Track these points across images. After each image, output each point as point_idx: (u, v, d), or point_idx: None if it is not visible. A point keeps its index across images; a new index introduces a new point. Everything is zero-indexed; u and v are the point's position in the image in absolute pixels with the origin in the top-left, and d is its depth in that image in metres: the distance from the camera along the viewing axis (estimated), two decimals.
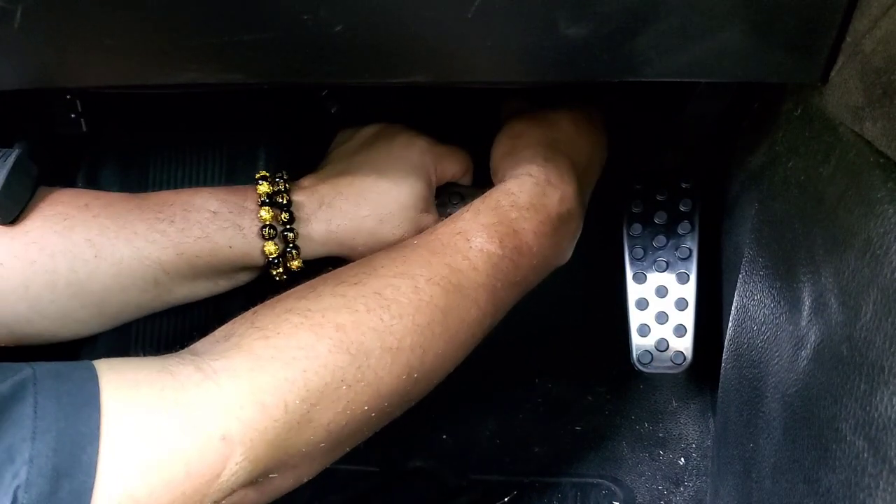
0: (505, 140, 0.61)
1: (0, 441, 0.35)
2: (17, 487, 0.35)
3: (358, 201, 0.59)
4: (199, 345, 0.47)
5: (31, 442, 0.35)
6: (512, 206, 0.55)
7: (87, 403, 0.38)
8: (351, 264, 0.53)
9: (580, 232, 0.61)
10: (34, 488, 0.35)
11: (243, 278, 0.62)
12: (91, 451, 0.37)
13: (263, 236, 0.58)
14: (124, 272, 0.55)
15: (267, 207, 0.58)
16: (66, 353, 0.63)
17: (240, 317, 0.48)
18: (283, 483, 0.47)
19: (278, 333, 0.45)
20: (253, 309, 0.48)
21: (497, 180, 0.60)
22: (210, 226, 0.57)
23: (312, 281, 0.51)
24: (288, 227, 0.58)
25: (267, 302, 0.49)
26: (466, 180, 0.66)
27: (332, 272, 0.52)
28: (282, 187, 0.59)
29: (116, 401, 0.39)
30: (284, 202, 0.58)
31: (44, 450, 0.36)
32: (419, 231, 0.61)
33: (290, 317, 0.46)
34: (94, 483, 0.36)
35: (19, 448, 0.35)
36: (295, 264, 0.60)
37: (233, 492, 0.42)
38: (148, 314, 0.61)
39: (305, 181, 0.62)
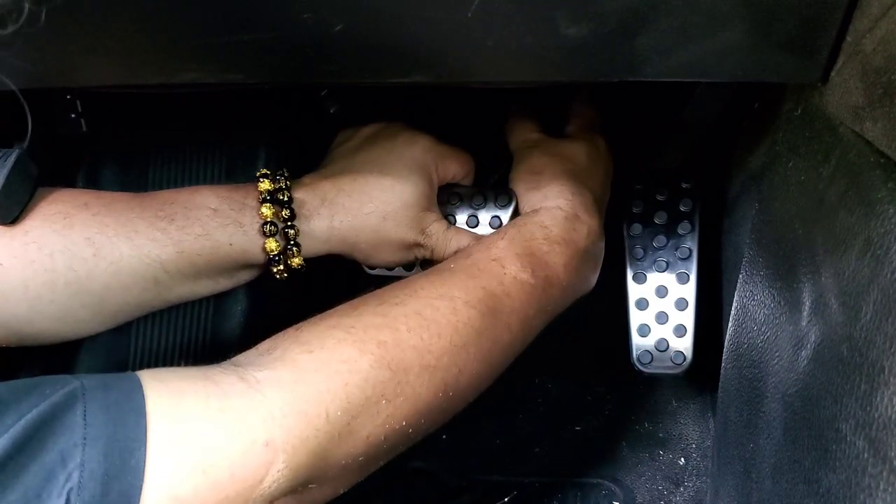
0: (526, 176, 0.63)
1: (53, 446, 0.37)
2: (70, 490, 0.36)
3: (361, 198, 0.60)
4: (241, 357, 0.48)
5: (83, 447, 0.37)
6: (545, 239, 0.58)
7: (134, 411, 0.39)
8: (391, 286, 0.54)
9: (602, 261, 0.63)
10: (86, 491, 0.37)
11: (244, 276, 0.62)
12: (139, 456, 0.38)
13: (264, 233, 0.58)
14: (124, 271, 0.55)
15: (268, 204, 0.58)
16: (66, 352, 0.63)
17: (282, 332, 0.49)
18: (321, 495, 0.47)
19: (322, 348, 0.47)
20: (296, 326, 0.50)
21: (524, 211, 0.62)
22: (210, 223, 0.57)
23: (354, 301, 0.52)
24: (289, 224, 0.58)
25: (310, 319, 0.50)
26: (468, 181, 0.66)
27: (374, 293, 0.53)
28: (283, 185, 0.59)
29: (162, 408, 0.40)
30: (285, 199, 0.58)
31: (94, 455, 0.37)
32: (421, 230, 0.61)
33: (335, 332, 0.48)
34: (142, 485, 0.38)
35: (71, 453, 0.37)
36: (296, 262, 0.60)
37: (274, 499, 0.43)
38: (149, 313, 0.61)
39: (307, 179, 0.62)
